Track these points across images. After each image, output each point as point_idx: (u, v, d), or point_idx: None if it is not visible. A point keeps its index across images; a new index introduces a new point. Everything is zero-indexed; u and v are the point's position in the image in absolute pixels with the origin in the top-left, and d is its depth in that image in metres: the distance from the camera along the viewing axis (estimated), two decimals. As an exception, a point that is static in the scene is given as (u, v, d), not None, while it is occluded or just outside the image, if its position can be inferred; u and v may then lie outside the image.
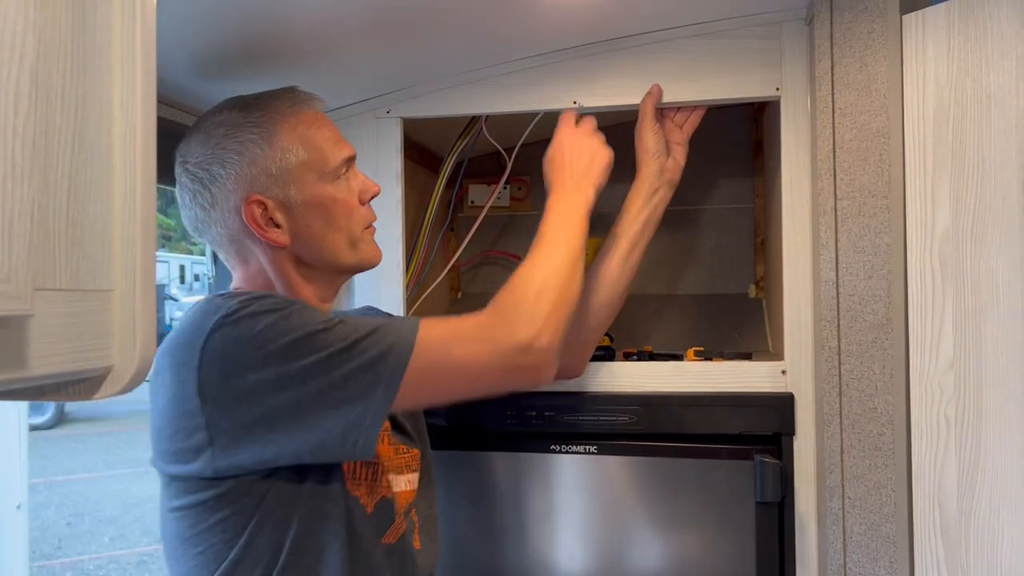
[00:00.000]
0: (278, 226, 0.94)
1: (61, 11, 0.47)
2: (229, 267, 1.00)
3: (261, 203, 0.93)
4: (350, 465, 0.94)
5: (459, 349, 0.88)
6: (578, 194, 1.08)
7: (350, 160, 0.99)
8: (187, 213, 0.97)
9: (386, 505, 0.98)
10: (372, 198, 1.02)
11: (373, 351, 0.84)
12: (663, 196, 1.22)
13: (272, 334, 0.82)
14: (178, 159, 0.97)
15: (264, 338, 0.82)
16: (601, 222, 1.24)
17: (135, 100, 0.52)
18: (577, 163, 1.11)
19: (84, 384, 0.52)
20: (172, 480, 0.89)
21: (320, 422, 0.83)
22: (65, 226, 0.47)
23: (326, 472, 0.90)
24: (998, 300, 0.95)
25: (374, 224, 1.03)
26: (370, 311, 1.20)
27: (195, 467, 0.84)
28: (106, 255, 0.51)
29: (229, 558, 0.86)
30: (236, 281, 1.00)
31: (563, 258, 0.99)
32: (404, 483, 1.01)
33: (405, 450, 1.04)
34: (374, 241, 1.03)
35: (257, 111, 0.95)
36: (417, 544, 1.02)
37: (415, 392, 0.87)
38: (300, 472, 0.89)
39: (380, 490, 0.97)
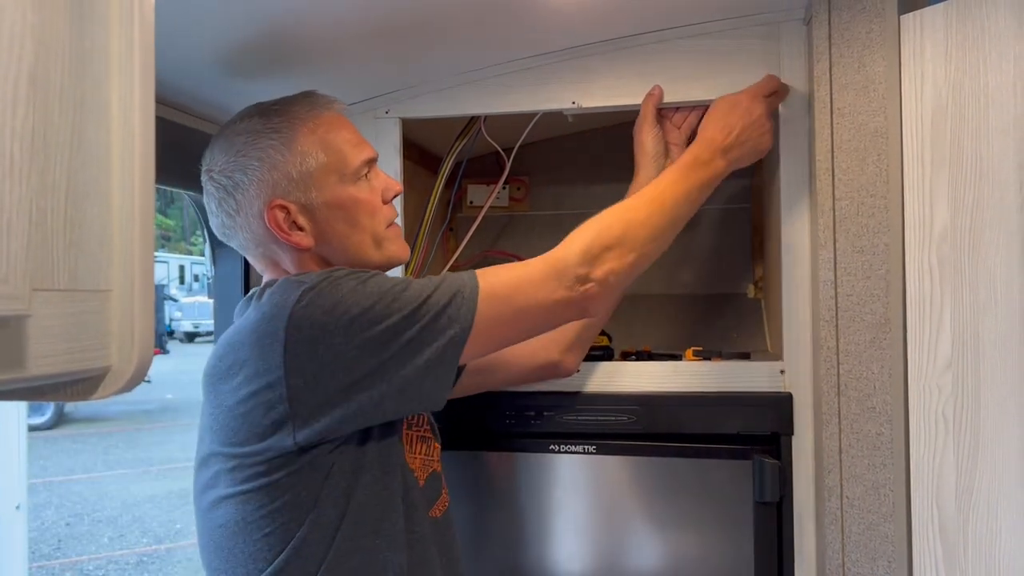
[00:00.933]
0: (301, 229, 0.96)
1: (59, 12, 0.46)
2: (259, 270, 1.02)
3: (283, 207, 0.95)
4: (408, 438, 0.97)
5: (524, 291, 0.93)
6: (717, 161, 1.08)
7: (371, 161, 1.01)
8: (214, 220, 1.00)
9: (435, 478, 1.01)
10: (395, 196, 1.03)
11: (444, 298, 0.89)
12: None
13: (355, 299, 0.86)
14: (203, 168, 0.99)
15: (348, 303, 0.86)
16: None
17: (133, 101, 0.51)
18: (740, 133, 1.10)
19: (82, 384, 0.51)
20: (241, 462, 0.89)
21: (401, 375, 0.87)
22: (63, 227, 0.47)
23: (387, 442, 0.93)
24: (996, 299, 0.95)
25: (397, 222, 1.05)
26: None
27: (272, 442, 0.86)
28: (104, 256, 0.51)
29: (298, 535, 0.87)
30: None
31: (656, 218, 1.02)
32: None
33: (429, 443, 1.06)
34: (400, 239, 1.04)
35: (276, 117, 0.97)
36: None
37: (485, 337, 0.92)
38: (363, 441, 0.91)
39: (432, 464, 1.01)
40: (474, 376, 1.17)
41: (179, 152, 1.25)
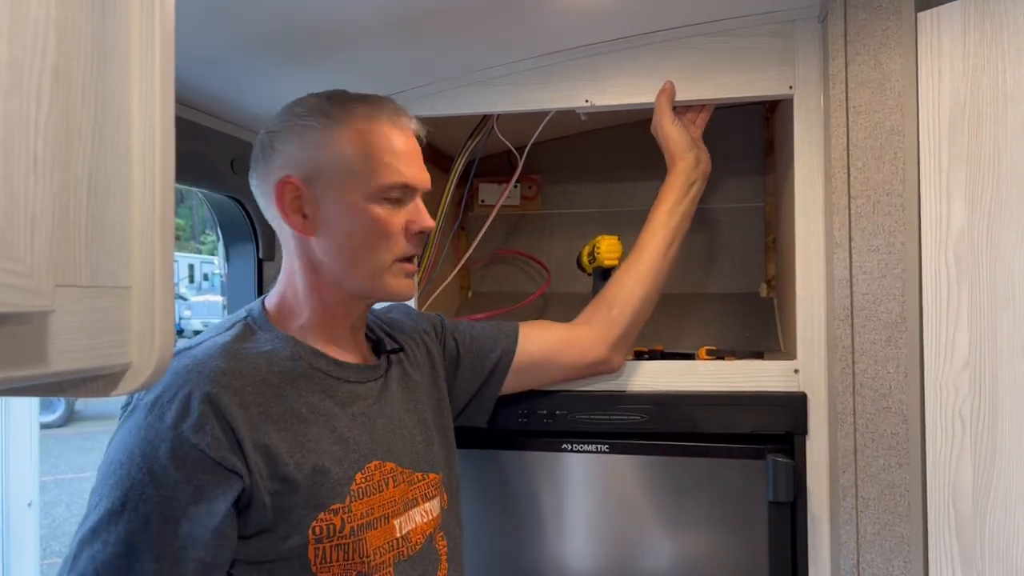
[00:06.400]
0: (304, 216, 0.93)
1: (81, 8, 0.47)
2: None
3: (295, 187, 0.92)
4: (315, 552, 0.87)
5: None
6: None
7: (405, 187, 0.95)
8: (251, 175, 0.98)
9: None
10: (420, 232, 0.97)
11: None
12: (699, 188, 1.23)
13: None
14: (264, 128, 0.98)
15: None
16: (636, 221, 1.24)
17: (154, 97, 0.51)
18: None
19: (102, 381, 0.51)
20: None
21: None
22: (85, 223, 0.47)
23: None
24: (1014, 298, 0.95)
25: (415, 261, 0.99)
26: (437, 318, 1.19)
27: None
28: (125, 252, 0.51)
29: None
30: (281, 273, 0.99)
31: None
32: (419, 515, 0.98)
33: (421, 477, 1.00)
34: (406, 278, 0.97)
35: (337, 106, 0.94)
36: (444, 572, 1.00)
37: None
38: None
39: (354, 566, 0.89)
40: (523, 374, 1.16)
41: (191, 150, 1.25)
